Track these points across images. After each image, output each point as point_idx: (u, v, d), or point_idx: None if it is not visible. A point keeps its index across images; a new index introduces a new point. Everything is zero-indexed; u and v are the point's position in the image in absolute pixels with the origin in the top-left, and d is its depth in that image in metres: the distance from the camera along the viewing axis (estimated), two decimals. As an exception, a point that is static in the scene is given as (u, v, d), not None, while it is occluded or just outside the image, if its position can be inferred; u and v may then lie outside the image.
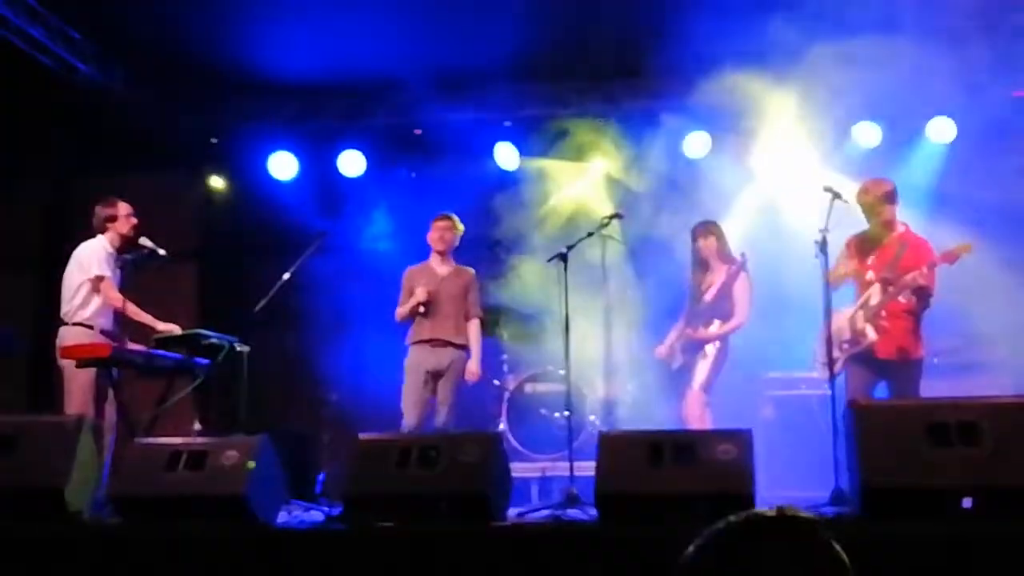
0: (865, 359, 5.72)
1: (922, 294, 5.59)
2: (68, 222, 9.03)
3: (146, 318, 6.40)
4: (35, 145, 8.60)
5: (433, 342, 6.87)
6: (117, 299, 6.30)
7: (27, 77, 7.76)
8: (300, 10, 7.27)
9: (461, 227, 7.09)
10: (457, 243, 7.08)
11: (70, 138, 8.69)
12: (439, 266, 7.04)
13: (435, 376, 6.84)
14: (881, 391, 5.75)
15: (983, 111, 7.32)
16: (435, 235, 7.02)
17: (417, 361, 6.86)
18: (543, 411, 7.86)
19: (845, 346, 5.77)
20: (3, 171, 8.92)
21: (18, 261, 9.26)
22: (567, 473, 5.94)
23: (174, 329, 6.34)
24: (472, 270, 7.13)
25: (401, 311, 6.92)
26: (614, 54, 7.04)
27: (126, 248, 6.52)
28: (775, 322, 6.83)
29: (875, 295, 5.73)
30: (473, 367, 6.92)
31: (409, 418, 6.77)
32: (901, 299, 5.67)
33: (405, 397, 6.82)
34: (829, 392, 5.37)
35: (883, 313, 5.69)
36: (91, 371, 6.06)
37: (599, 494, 4.37)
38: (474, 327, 6.99)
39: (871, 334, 5.67)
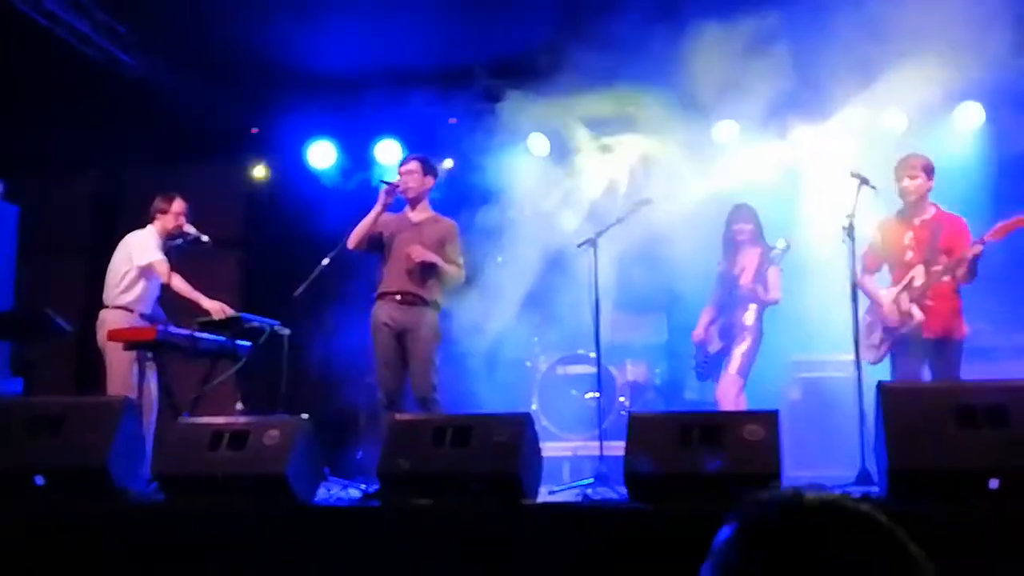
0: (911, 341, 5.74)
1: (975, 267, 5.58)
2: (115, 211, 9.27)
3: (194, 295, 6.57)
4: (84, 137, 8.79)
5: (401, 296, 6.12)
6: (169, 275, 6.52)
7: (75, 70, 7.96)
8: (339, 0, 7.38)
9: (431, 174, 6.38)
10: (429, 186, 6.39)
11: (116, 129, 8.88)
12: (412, 213, 6.36)
13: (401, 337, 6.08)
14: (925, 376, 5.76)
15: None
16: (401, 180, 6.30)
17: (380, 318, 6.12)
18: (574, 392, 7.94)
19: (891, 328, 5.81)
20: (53, 162, 9.16)
21: (68, 248, 9.49)
22: (597, 453, 6.02)
23: (222, 307, 6.50)
24: (452, 221, 6.42)
25: (355, 231, 6.18)
26: (643, 41, 7.06)
27: (170, 238, 6.76)
28: (802, 305, 6.86)
29: (919, 276, 5.75)
30: (419, 250, 6.06)
31: (384, 382, 6.08)
32: (945, 278, 5.70)
33: (376, 361, 6.15)
34: (856, 374, 5.40)
35: (928, 293, 5.71)
36: (132, 353, 6.24)
37: (628, 474, 4.42)
38: (452, 270, 6.20)
39: (918, 314, 5.69)
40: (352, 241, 6.25)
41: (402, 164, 6.49)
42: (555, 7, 7.22)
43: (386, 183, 6.27)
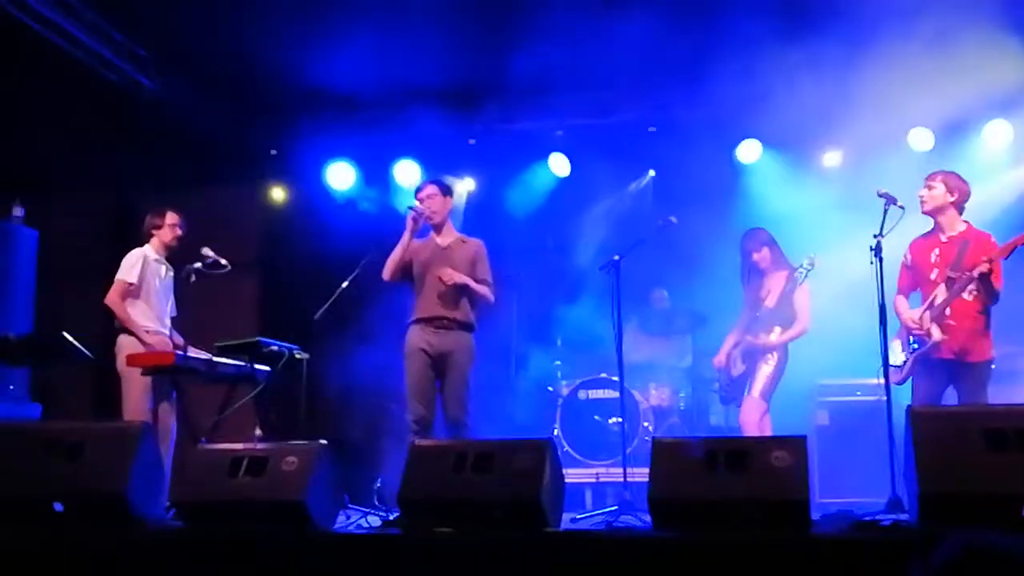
0: (932, 362, 5.64)
1: (987, 284, 5.50)
2: (133, 234, 9.26)
3: (138, 330, 6.47)
4: (102, 160, 8.82)
5: (436, 321, 6.05)
6: (115, 303, 6.49)
7: (94, 93, 8.00)
8: (357, 21, 7.38)
9: (449, 195, 6.35)
10: (449, 208, 6.34)
11: (135, 152, 8.91)
12: (439, 238, 6.30)
13: (437, 362, 6.01)
14: (949, 398, 5.66)
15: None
16: (424, 206, 6.23)
17: (416, 344, 6.03)
18: (597, 417, 7.88)
19: (913, 347, 5.71)
20: (72, 186, 9.18)
21: (85, 271, 9.48)
22: (621, 479, 5.95)
23: (163, 341, 6.44)
24: (480, 240, 6.33)
25: (388, 262, 6.14)
26: (664, 63, 7.07)
27: (175, 256, 6.74)
28: (830, 328, 6.77)
29: (941, 294, 5.66)
30: (450, 272, 6.02)
31: (416, 408, 5.96)
32: (966, 296, 5.60)
33: (408, 387, 6.03)
34: (885, 398, 5.31)
35: (948, 312, 5.62)
36: (150, 378, 6.22)
37: (652, 500, 4.34)
38: (483, 290, 6.15)
39: (937, 334, 5.60)
40: (387, 273, 6.18)
41: (419, 190, 6.39)
42: (574, 26, 7.19)
43: (412, 209, 6.21)
